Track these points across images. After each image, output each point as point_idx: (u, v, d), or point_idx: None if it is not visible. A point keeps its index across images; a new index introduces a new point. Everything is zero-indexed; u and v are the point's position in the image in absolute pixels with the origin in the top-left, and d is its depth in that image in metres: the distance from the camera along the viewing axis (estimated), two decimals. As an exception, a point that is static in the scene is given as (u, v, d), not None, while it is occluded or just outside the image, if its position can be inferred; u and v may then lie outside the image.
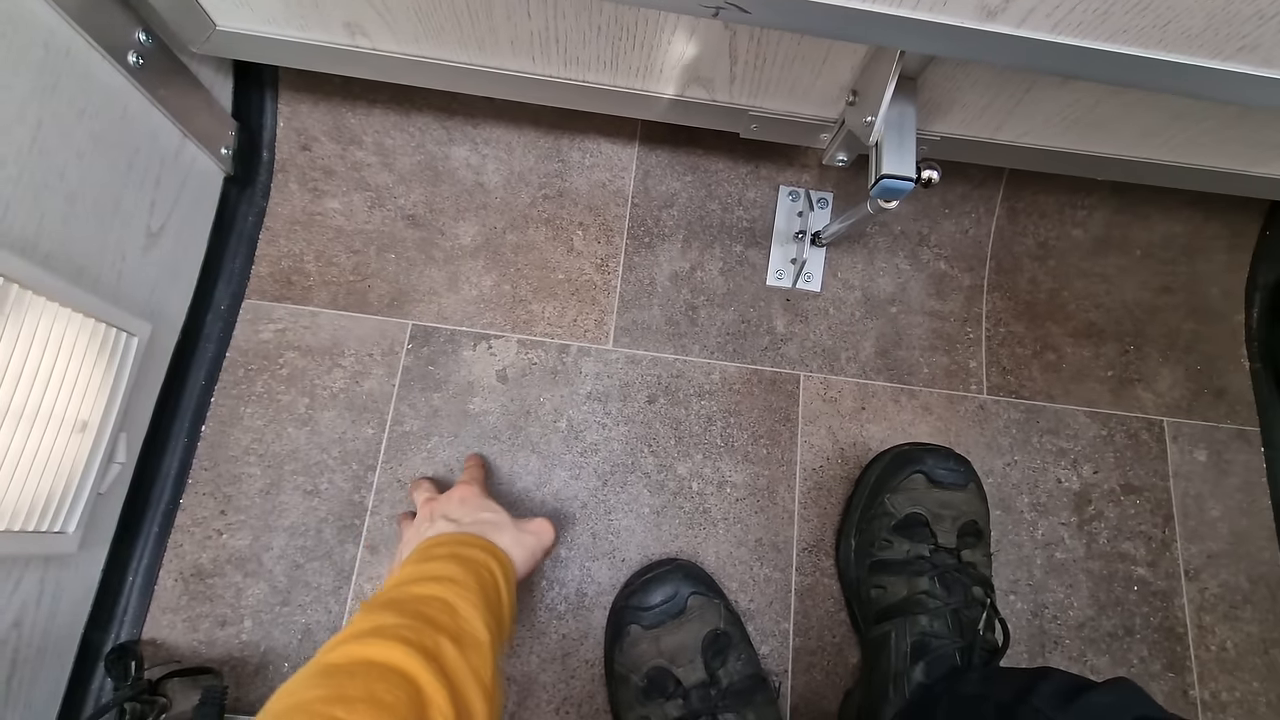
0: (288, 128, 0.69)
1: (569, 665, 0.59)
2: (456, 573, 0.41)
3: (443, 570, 0.41)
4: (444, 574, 0.41)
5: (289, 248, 0.67)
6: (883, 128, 0.45)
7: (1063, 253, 0.74)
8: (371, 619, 0.36)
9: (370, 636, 0.34)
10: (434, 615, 0.37)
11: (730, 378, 0.68)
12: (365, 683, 0.31)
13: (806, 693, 0.61)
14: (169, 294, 0.60)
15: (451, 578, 0.40)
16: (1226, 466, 0.70)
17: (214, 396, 0.63)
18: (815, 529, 0.64)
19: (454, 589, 0.39)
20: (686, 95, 0.55)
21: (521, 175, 0.70)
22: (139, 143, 0.54)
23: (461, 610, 0.38)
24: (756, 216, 0.72)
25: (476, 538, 0.46)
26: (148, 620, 0.58)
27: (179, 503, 0.60)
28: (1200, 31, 0.35)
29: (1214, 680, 0.64)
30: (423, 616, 0.36)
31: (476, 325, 0.67)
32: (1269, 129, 0.50)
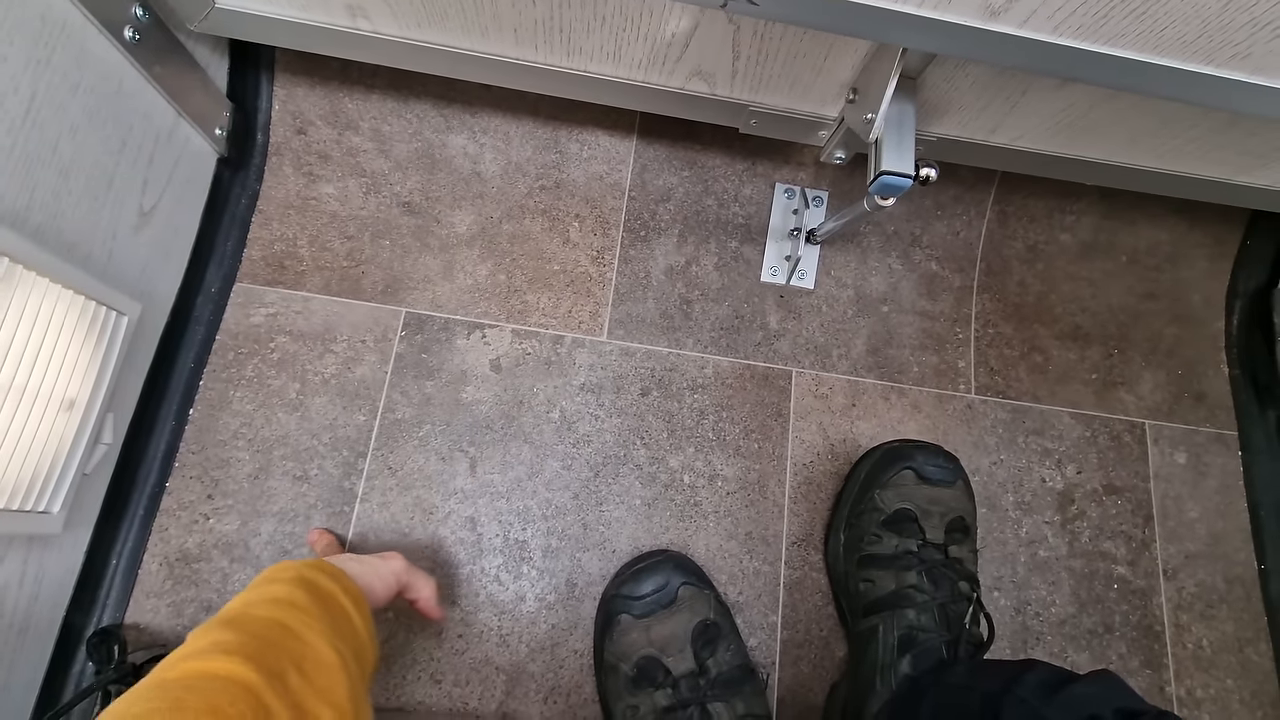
0: (283, 110, 0.68)
1: (558, 655, 0.60)
2: (299, 598, 0.38)
3: (284, 594, 0.38)
4: (285, 597, 0.38)
5: (282, 231, 0.66)
6: (883, 125, 0.46)
7: (1051, 256, 0.75)
8: (209, 636, 0.34)
9: (210, 651, 0.32)
10: (276, 639, 0.35)
11: (723, 372, 0.68)
12: (205, 695, 0.29)
13: (793, 685, 0.61)
14: (159, 274, 0.59)
15: (293, 602, 0.38)
16: (1205, 469, 0.71)
17: (203, 379, 0.62)
18: (805, 523, 0.65)
19: (296, 614, 0.37)
20: (688, 89, 0.55)
21: (519, 165, 0.70)
22: (133, 120, 0.54)
23: (305, 635, 0.36)
24: (752, 213, 0.72)
25: (324, 563, 0.44)
26: (131, 604, 0.57)
27: (165, 486, 0.60)
28: (1195, 38, 0.35)
29: (1190, 677, 0.65)
30: (263, 639, 0.34)
31: (471, 314, 0.67)
32: (1254, 138, 0.51)
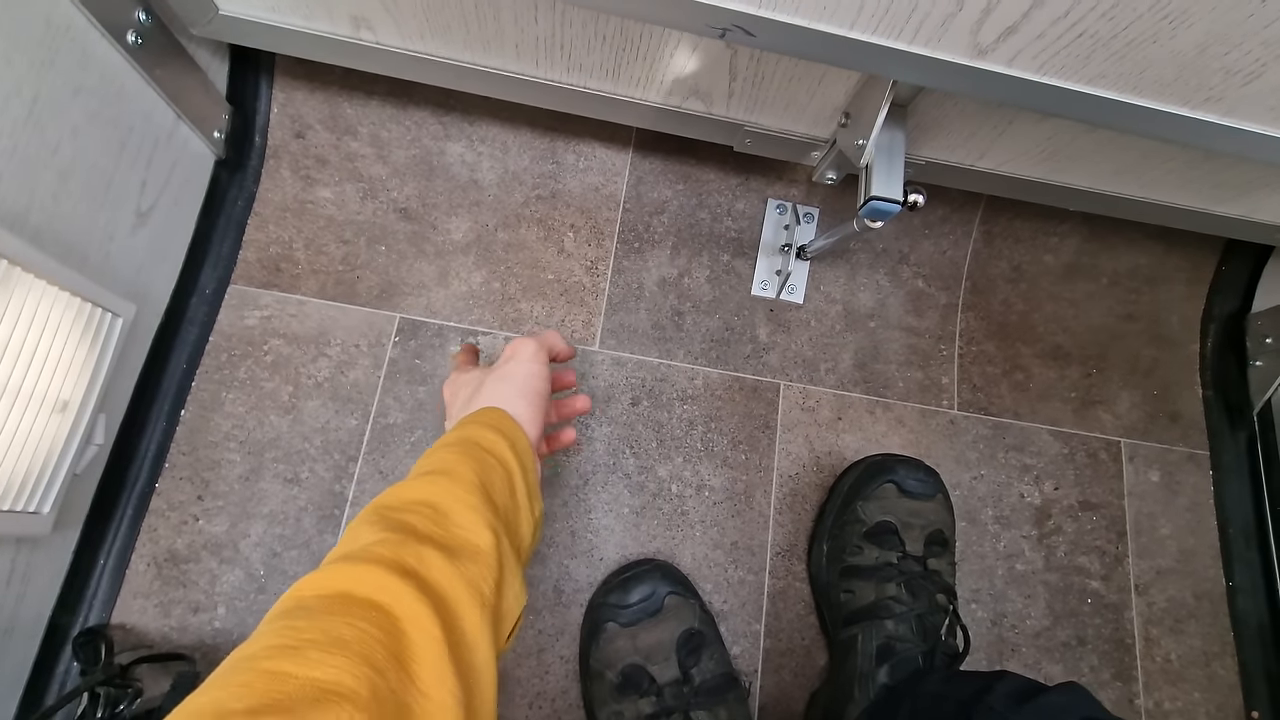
0: (282, 114, 0.69)
1: (544, 660, 0.60)
2: (453, 463, 0.36)
3: (439, 463, 0.36)
4: (439, 466, 0.36)
5: (278, 234, 0.67)
6: (873, 151, 0.47)
7: (1035, 277, 0.77)
8: (347, 541, 0.32)
9: (339, 563, 0.29)
10: (417, 525, 0.32)
11: (713, 383, 0.69)
12: (323, 620, 0.26)
13: (775, 692, 0.62)
14: (154, 275, 0.60)
15: (446, 470, 0.35)
16: (1177, 487, 0.73)
17: (195, 380, 0.62)
18: (789, 534, 0.66)
19: (445, 486, 0.34)
20: (684, 107, 0.56)
21: (516, 175, 0.71)
22: (133, 122, 0.54)
23: (455, 515, 0.33)
24: (744, 227, 0.73)
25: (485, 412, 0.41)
26: (118, 604, 0.57)
27: (155, 487, 0.60)
28: (1172, 81, 0.37)
29: (1158, 690, 0.67)
30: (404, 527, 0.32)
31: (465, 321, 0.67)
32: (1229, 172, 0.53)
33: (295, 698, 0.23)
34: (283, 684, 0.24)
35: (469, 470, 0.36)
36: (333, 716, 0.23)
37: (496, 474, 0.37)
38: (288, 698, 0.23)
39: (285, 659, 0.25)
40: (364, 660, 0.25)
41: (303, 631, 0.26)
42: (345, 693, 0.24)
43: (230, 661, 0.26)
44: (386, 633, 0.27)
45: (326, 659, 0.25)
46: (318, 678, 0.24)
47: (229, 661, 0.26)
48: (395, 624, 0.28)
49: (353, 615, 0.27)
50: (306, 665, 0.24)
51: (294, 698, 0.23)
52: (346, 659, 0.25)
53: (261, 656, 0.25)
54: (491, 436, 0.39)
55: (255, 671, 0.24)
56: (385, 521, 0.32)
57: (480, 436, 0.39)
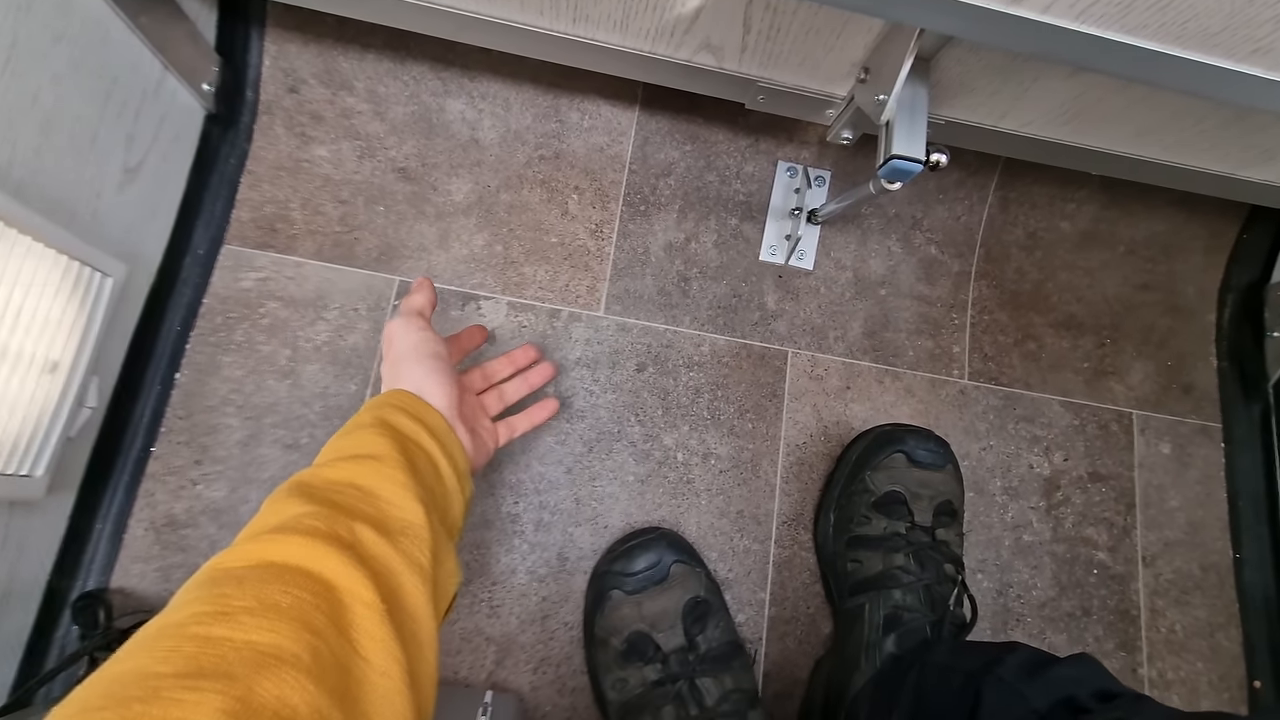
0: (274, 67, 0.66)
1: (548, 627, 0.60)
2: (379, 447, 0.34)
3: (364, 446, 0.35)
4: (364, 450, 0.34)
5: (273, 194, 0.65)
6: (895, 107, 0.45)
7: (1050, 245, 0.75)
8: (274, 511, 0.30)
9: (269, 534, 0.28)
10: (348, 504, 0.31)
11: (719, 351, 0.68)
12: (256, 587, 0.25)
13: (779, 660, 0.62)
14: (145, 235, 0.58)
15: (373, 454, 0.34)
16: (1188, 460, 0.72)
17: (190, 344, 0.61)
18: (796, 503, 0.65)
19: (373, 467, 0.33)
20: (695, 61, 0.53)
21: (518, 133, 0.68)
22: (117, 72, 0.51)
23: (383, 494, 0.32)
24: (754, 191, 0.71)
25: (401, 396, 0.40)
26: (117, 569, 0.57)
27: (151, 451, 0.59)
28: (1218, 31, 0.35)
29: (1161, 660, 0.67)
30: (332, 504, 0.30)
31: (466, 285, 0.66)
32: (1261, 133, 0.51)
33: (232, 661, 0.22)
34: (217, 648, 0.23)
35: (391, 449, 0.35)
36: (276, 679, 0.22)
37: (419, 457, 0.36)
38: (224, 660, 0.22)
39: (217, 624, 0.23)
40: (303, 625, 0.24)
41: (233, 599, 0.25)
42: (286, 657, 0.23)
43: (151, 629, 0.24)
44: (325, 599, 0.26)
45: (263, 624, 0.24)
46: (255, 640, 0.23)
47: (149, 630, 0.24)
48: (332, 592, 0.27)
49: (287, 583, 0.26)
50: (242, 630, 0.23)
51: (231, 661, 0.22)
52: (285, 623, 0.24)
53: (189, 623, 0.24)
54: (406, 421, 0.38)
55: (183, 637, 0.23)
56: (311, 496, 0.31)
57: (395, 420, 0.37)
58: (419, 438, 0.37)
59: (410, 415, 0.38)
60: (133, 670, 0.22)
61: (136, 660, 0.22)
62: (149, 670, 0.21)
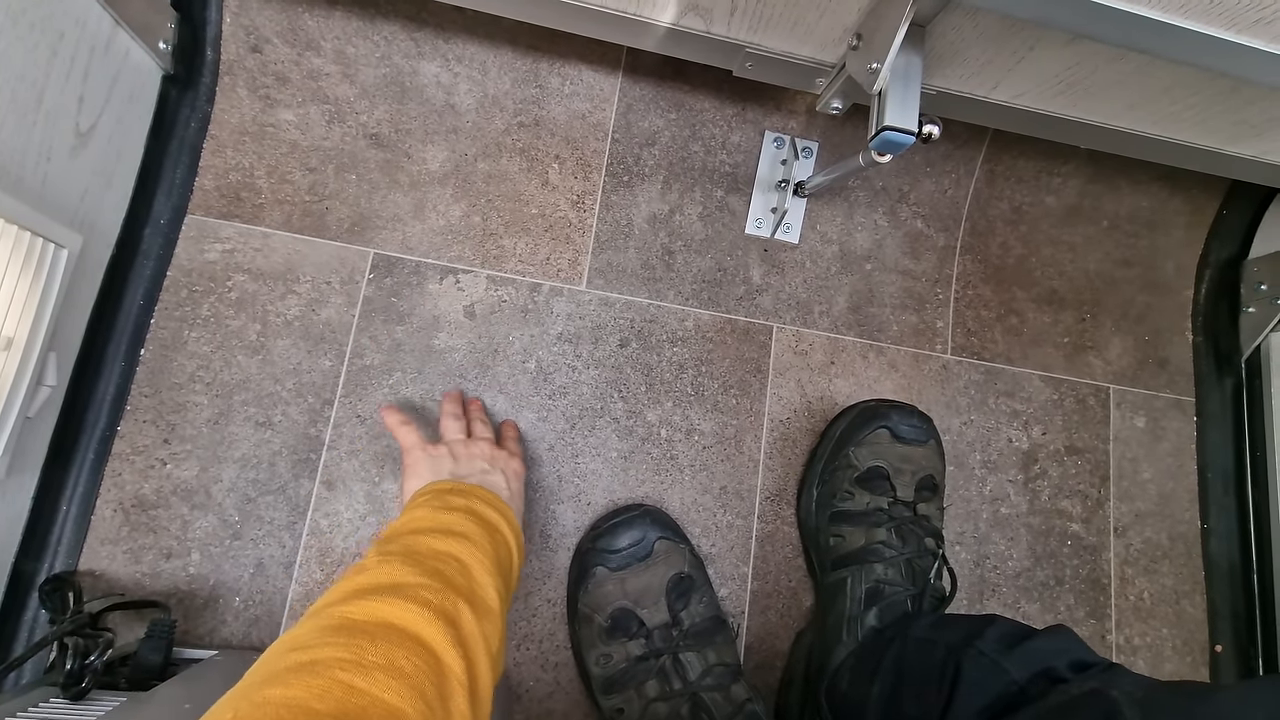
0: (235, 25, 0.62)
1: (530, 604, 0.60)
2: (473, 531, 0.40)
3: (460, 526, 0.40)
4: (461, 530, 0.40)
5: (237, 160, 0.61)
6: (888, 76, 0.44)
7: (1035, 219, 0.75)
8: (390, 571, 0.34)
9: (390, 595, 0.33)
10: (452, 576, 0.36)
11: (704, 325, 0.67)
12: (386, 648, 0.30)
13: (761, 633, 0.63)
14: (101, 203, 0.55)
15: (468, 535, 0.39)
16: (1161, 433, 0.74)
17: (154, 318, 0.58)
18: (779, 478, 0.65)
19: (470, 549, 0.38)
20: (682, 25, 0.51)
21: (496, 99, 0.66)
22: (64, 27, 0.48)
23: (477, 574, 0.37)
24: (740, 161, 0.70)
25: (492, 496, 0.46)
26: (85, 551, 0.55)
27: (117, 430, 0.57)
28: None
29: (1129, 626, 0.69)
30: (441, 576, 0.35)
31: (444, 258, 0.63)
32: (1253, 107, 0.51)
33: (369, 714, 0.27)
34: (359, 699, 0.27)
35: (483, 539, 0.40)
36: None
37: (501, 548, 0.42)
38: (363, 713, 0.27)
39: (357, 675, 0.28)
40: (419, 694, 0.29)
41: (368, 653, 0.29)
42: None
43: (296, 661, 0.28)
44: (434, 671, 0.30)
45: (393, 684, 0.28)
46: (387, 700, 0.27)
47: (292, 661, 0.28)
48: (439, 665, 0.31)
49: (409, 650, 0.30)
50: (377, 687, 0.28)
51: (368, 714, 0.27)
52: (408, 689, 0.28)
53: (334, 667, 0.28)
54: (491, 512, 0.44)
55: (333, 680, 0.27)
56: (422, 565, 0.35)
57: (482, 510, 0.43)
58: (501, 528, 0.43)
59: (494, 508, 0.44)
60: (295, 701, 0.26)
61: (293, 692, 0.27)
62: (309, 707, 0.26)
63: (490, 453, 0.51)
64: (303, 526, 0.58)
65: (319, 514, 0.58)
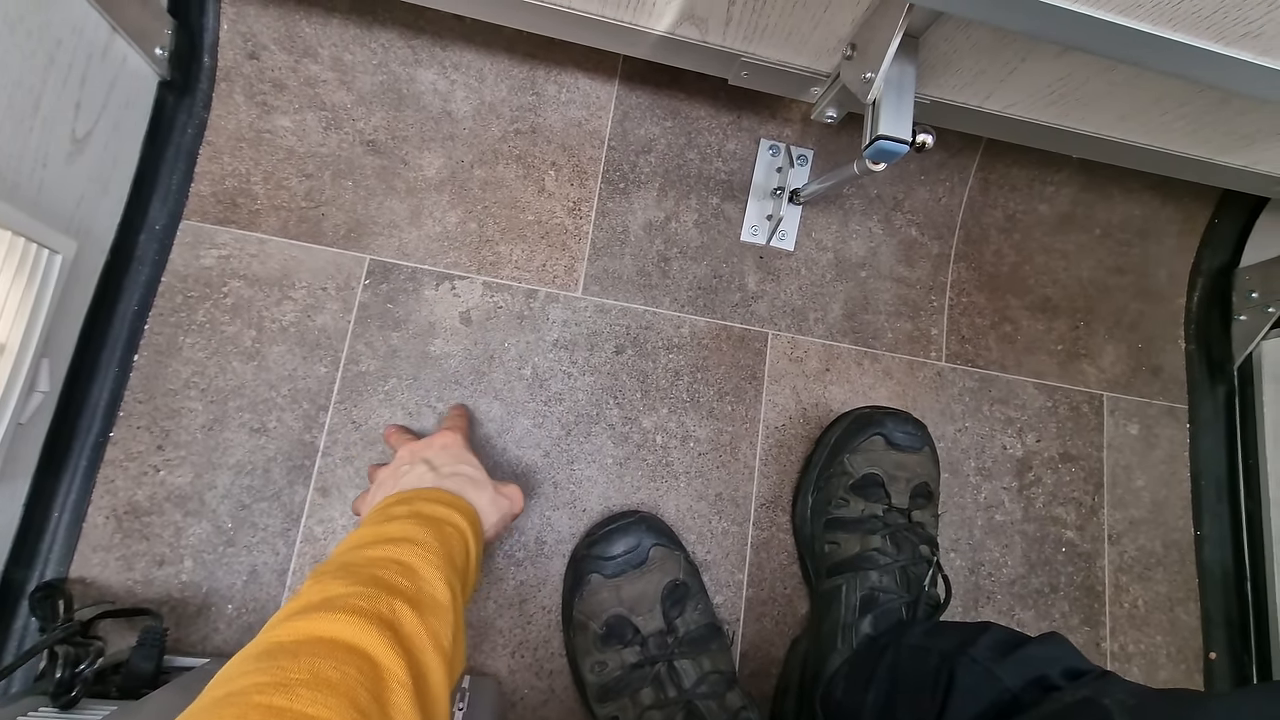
0: (233, 31, 0.62)
1: (526, 611, 0.60)
2: (416, 533, 0.39)
3: (401, 531, 0.39)
4: (402, 535, 0.38)
5: (234, 166, 0.62)
6: (882, 86, 0.44)
7: (1028, 227, 0.75)
8: (320, 589, 0.33)
9: (318, 610, 0.31)
10: (390, 579, 0.34)
11: (699, 332, 0.67)
12: (310, 661, 0.28)
13: (756, 640, 0.63)
14: (97, 209, 0.55)
15: (410, 538, 0.38)
16: (1154, 440, 0.74)
17: (148, 324, 0.58)
18: (774, 485, 0.66)
19: (413, 550, 0.37)
20: (677, 34, 0.52)
21: (492, 106, 0.66)
22: (61, 34, 0.48)
23: (421, 571, 0.36)
24: (735, 169, 0.70)
25: (443, 493, 0.44)
26: (76, 558, 0.55)
27: (109, 436, 0.56)
28: (1211, 13, 0.34)
29: (1124, 634, 0.70)
30: (377, 581, 0.34)
31: (440, 264, 0.64)
32: (1243, 118, 0.51)
33: None
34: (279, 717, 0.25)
35: (429, 537, 0.39)
36: None
37: (454, 539, 0.41)
38: None
39: (278, 695, 0.26)
40: (351, 703, 0.27)
41: (290, 671, 0.27)
42: None
43: (213, 697, 0.27)
44: (369, 676, 0.29)
45: (318, 697, 0.26)
46: (310, 713, 0.26)
47: (211, 696, 0.27)
48: (376, 669, 0.29)
49: (337, 659, 0.28)
50: (300, 702, 0.26)
51: None
52: (336, 699, 0.27)
53: (251, 691, 0.26)
54: (440, 508, 0.42)
55: (248, 705, 0.25)
56: (356, 576, 0.34)
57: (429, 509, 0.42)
58: (450, 519, 0.42)
59: (440, 502, 0.43)
60: None
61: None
62: None
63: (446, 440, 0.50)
64: (296, 533, 0.58)
65: (313, 521, 0.58)
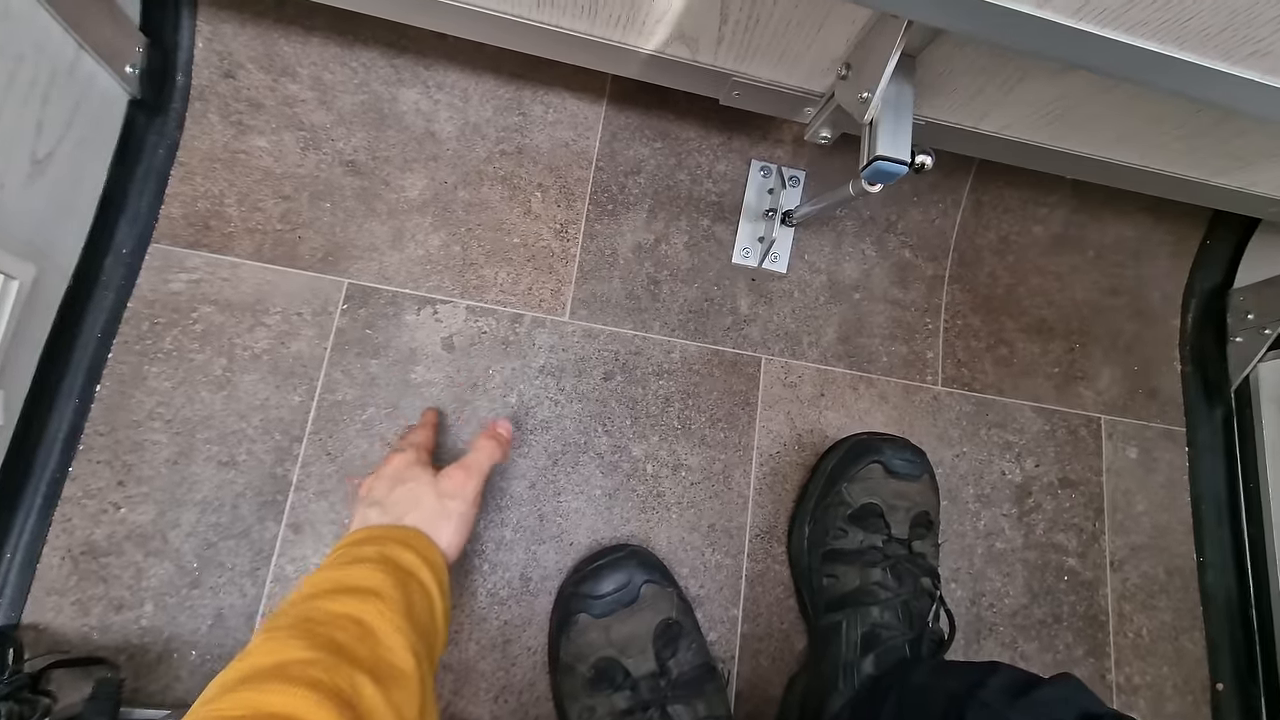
0: (208, 49, 0.60)
1: (509, 653, 0.57)
2: (380, 583, 0.36)
3: (364, 580, 0.36)
4: (365, 585, 0.36)
5: (207, 188, 0.59)
6: (880, 105, 0.43)
7: (1022, 249, 0.74)
8: (274, 649, 0.31)
9: (271, 680, 0.29)
10: (349, 645, 0.32)
11: (690, 357, 0.65)
12: None
13: (752, 678, 0.60)
14: (59, 232, 0.52)
15: (375, 590, 0.36)
16: (1154, 464, 0.73)
17: (112, 352, 0.55)
18: (769, 515, 0.63)
19: (375, 606, 0.35)
20: (668, 53, 0.50)
21: (477, 127, 0.64)
22: (22, 50, 0.46)
23: (383, 636, 0.34)
24: (726, 190, 0.68)
25: (407, 533, 0.42)
26: (29, 603, 0.51)
27: (68, 471, 0.53)
28: (1219, 31, 0.33)
29: (1129, 665, 0.68)
30: (336, 647, 0.32)
31: (421, 288, 0.61)
32: (1239, 140, 0.51)
33: None
34: None
35: (394, 590, 0.36)
36: None
37: (418, 596, 0.38)
38: None
39: None
40: None
41: None
42: None
43: None
44: None
45: None
46: None
47: None
48: None
49: None
50: None
51: None
52: None
53: None
54: (409, 556, 0.39)
55: None
56: (312, 636, 0.32)
57: (398, 555, 0.39)
58: (420, 574, 0.39)
59: (414, 551, 0.40)
60: None
61: None
62: None
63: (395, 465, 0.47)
64: (267, 573, 0.54)
65: (284, 559, 0.55)
